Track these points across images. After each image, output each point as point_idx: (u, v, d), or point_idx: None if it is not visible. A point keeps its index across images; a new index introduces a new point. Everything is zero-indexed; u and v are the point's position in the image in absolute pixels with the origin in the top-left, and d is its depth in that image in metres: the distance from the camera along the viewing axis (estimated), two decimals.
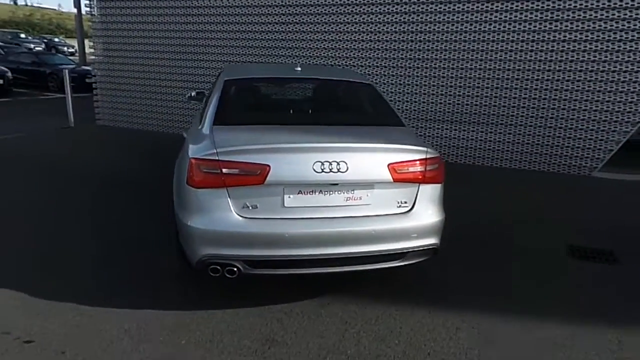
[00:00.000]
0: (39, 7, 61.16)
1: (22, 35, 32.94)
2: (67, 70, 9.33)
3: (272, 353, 2.64)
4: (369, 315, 3.05)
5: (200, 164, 2.80)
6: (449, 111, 7.45)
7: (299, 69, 3.97)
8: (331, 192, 2.88)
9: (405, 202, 3.03)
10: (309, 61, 8.00)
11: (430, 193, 3.09)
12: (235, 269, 2.84)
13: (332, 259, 2.90)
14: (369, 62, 7.70)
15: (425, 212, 3.07)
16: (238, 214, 2.80)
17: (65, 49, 29.54)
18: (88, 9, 9.59)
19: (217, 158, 2.76)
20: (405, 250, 3.02)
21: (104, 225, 4.36)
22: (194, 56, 8.81)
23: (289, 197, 2.83)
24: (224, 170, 2.75)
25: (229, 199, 2.79)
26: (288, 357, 2.62)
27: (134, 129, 9.44)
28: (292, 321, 2.96)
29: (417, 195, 3.05)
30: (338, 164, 2.81)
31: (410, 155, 2.99)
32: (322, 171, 2.79)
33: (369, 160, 2.92)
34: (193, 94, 5.40)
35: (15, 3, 59.45)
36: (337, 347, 2.72)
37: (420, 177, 3.02)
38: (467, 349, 2.74)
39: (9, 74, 14.46)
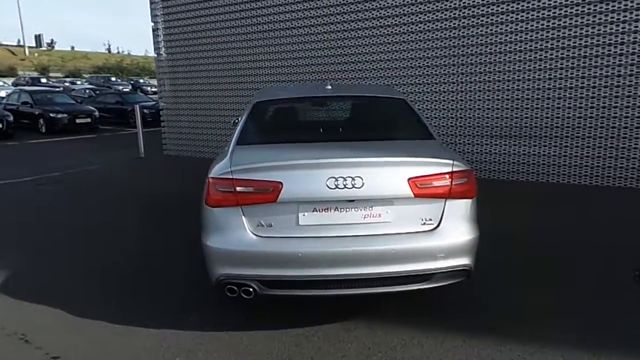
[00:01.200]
0: (129, 54, 67.84)
1: (113, 79, 36.70)
2: (137, 106, 10.14)
3: None
4: (394, 342, 2.83)
5: (216, 183, 2.82)
6: (517, 125, 7.01)
7: (329, 87, 3.94)
8: (347, 209, 2.75)
9: (430, 220, 2.81)
10: (362, 81, 8.01)
11: (459, 209, 2.85)
12: (251, 289, 2.78)
13: (351, 280, 2.75)
14: (418, 80, 7.52)
15: (453, 230, 2.82)
16: (253, 233, 2.77)
17: (149, 88, 32.28)
18: (155, 50, 10.46)
19: (231, 177, 2.76)
20: (431, 272, 2.78)
21: (148, 245, 4.56)
22: (249, 85, 9.18)
23: (304, 214, 2.74)
24: (238, 189, 2.75)
25: (243, 218, 2.77)
26: None
27: (197, 157, 9.94)
28: (311, 345, 2.82)
29: (443, 211, 2.82)
30: (353, 179, 2.68)
31: (433, 168, 2.79)
32: (337, 187, 2.68)
33: (387, 174, 2.76)
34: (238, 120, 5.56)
35: (109, 51, 66.57)
36: None
37: (446, 192, 2.80)
38: None
39: (96, 113, 16.05)
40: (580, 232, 4.69)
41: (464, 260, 2.83)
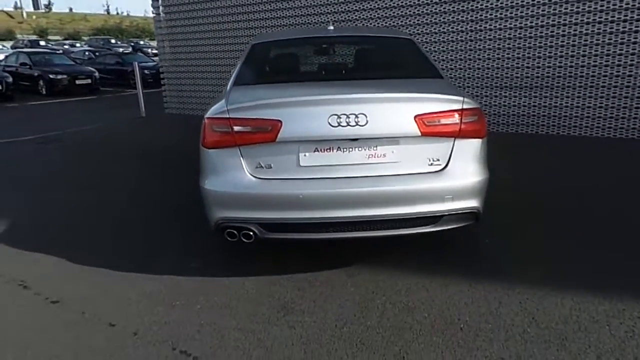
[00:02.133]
0: (128, 15, 66.29)
1: (113, 41, 35.98)
2: (136, 63, 9.87)
3: (285, 320, 2.47)
4: (399, 286, 2.76)
5: (212, 124, 2.68)
6: (528, 76, 6.74)
7: (332, 28, 3.72)
8: (351, 149, 2.61)
9: (438, 160, 2.68)
10: None
11: (468, 149, 2.70)
12: (251, 233, 2.69)
13: (353, 222, 2.65)
14: (424, 29, 7.20)
15: (462, 170, 2.69)
16: (251, 175, 2.65)
17: (149, 50, 31.61)
18: (153, 9, 10.08)
19: (227, 116, 2.62)
20: (438, 214, 2.67)
21: (148, 196, 4.49)
22: (249, 40, 8.88)
23: (305, 155, 2.61)
24: (235, 128, 2.61)
25: (241, 159, 2.64)
26: (301, 325, 2.42)
27: (199, 115, 9.73)
28: (313, 290, 2.75)
29: (451, 151, 2.67)
30: (356, 116, 2.53)
31: (442, 105, 2.62)
32: (339, 125, 2.53)
33: (392, 112, 2.60)
34: None
35: (108, 12, 65.03)
36: (357, 317, 2.48)
37: (455, 130, 2.65)
38: (508, 325, 2.35)
39: (96, 74, 15.74)
40: (591, 181, 4.55)
41: (472, 203, 2.71)
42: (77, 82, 14.89)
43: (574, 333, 2.27)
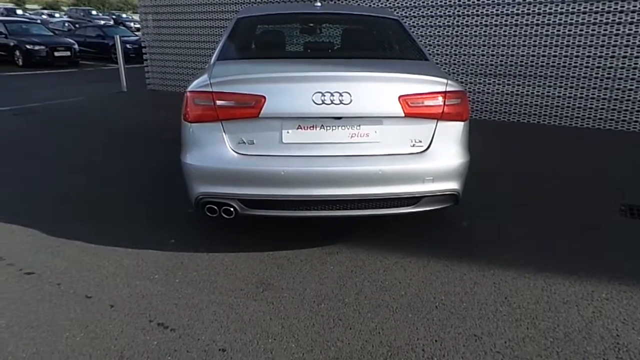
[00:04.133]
0: None
1: (94, 12, 34.80)
2: (117, 36, 9.59)
3: (264, 296, 2.48)
4: (378, 265, 2.80)
5: (194, 97, 2.64)
6: (521, 64, 6.79)
7: (319, 4, 3.67)
8: (334, 128, 2.60)
9: (420, 141, 2.69)
10: None
11: (450, 131, 2.72)
12: (231, 209, 2.68)
13: (335, 201, 2.65)
14: (412, 12, 7.16)
15: (443, 153, 2.71)
16: (233, 150, 2.62)
17: (132, 24, 30.75)
18: None
19: (210, 89, 2.57)
20: (419, 195, 2.69)
21: (130, 171, 4.42)
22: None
23: (287, 132, 2.59)
24: (218, 103, 2.57)
25: (224, 134, 2.61)
26: (280, 300, 2.44)
27: (182, 92, 9.57)
28: (293, 267, 2.77)
29: (434, 133, 2.69)
30: (341, 95, 2.52)
31: (426, 86, 2.63)
32: (323, 103, 2.52)
33: (377, 91, 2.59)
34: None
35: None
36: (335, 294, 2.50)
37: (438, 112, 2.66)
38: (481, 304, 2.41)
39: (76, 46, 15.28)
40: (569, 168, 4.64)
41: (452, 185, 2.74)
42: (56, 54, 14.46)
43: (544, 312, 2.34)
